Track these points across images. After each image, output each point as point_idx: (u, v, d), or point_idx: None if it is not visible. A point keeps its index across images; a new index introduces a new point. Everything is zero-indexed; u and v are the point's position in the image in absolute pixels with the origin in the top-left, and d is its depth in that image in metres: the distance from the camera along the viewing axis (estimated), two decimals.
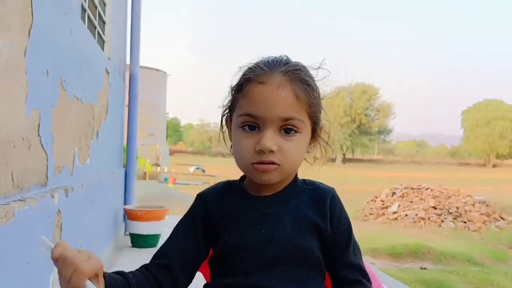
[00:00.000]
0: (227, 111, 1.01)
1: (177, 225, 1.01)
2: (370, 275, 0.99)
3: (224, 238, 0.94)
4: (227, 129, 1.03)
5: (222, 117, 1.03)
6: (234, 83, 0.97)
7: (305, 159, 1.00)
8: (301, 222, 0.94)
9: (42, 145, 1.98)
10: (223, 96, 1.02)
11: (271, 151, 0.89)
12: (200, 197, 1.02)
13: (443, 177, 24.60)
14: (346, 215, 0.99)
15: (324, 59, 0.99)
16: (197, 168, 27.72)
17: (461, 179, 25.57)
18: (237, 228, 0.94)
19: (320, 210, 0.95)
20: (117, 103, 4.60)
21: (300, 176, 1.03)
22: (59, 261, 0.72)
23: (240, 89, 0.94)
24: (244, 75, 0.95)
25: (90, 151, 3.13)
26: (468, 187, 15.82)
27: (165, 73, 20.04)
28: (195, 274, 0.98)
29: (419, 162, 67.46)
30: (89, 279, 0.73)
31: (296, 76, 0.93)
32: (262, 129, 0.91)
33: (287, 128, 0.91)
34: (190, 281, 0.96)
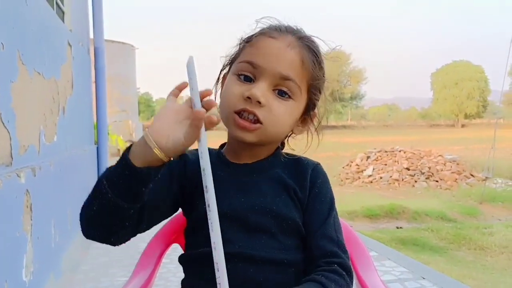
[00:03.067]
0: (229, 63, 0.95)
1: None
2: (355, 242, 0.97)
3: (201, 205, 0.86)
4: (221, 88, 0.95)
5: (221, 71, 0.96)
6: (246, 36, 0.92)
7: (287, 142, 0.96)
8: (281, 190, 0.90)
9: (3, 123, 1.87)
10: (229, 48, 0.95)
11: (259, 103, 0.83)
12: (180, 156, 0.94)
13: (415, 139, 25.14)
14: (329, 190, 0.95)
15: (340, 46, 0.96)
16: None
17: (432, 140, 26.21)
18: (216, 196, 0.88)
19: (300, 181, 0.92)
20: (83, 78, 4.42)
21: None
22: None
23: (249, 39, 0.90)
24: (259, 29, 0.91)
25: (57, 128, 3.00)
26: (439, 148, 16.25)
27: (132, 46, 19.44)
28: (155, 223, 0.91)
29: (391, 125, 68.68)
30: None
31: (309, 44, 0.89)
32: (256, 80, 0.85)
33: (281, 91, 0.86)
34: (149, 227, 0.89)
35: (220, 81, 0.96)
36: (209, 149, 0.97)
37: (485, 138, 14.92)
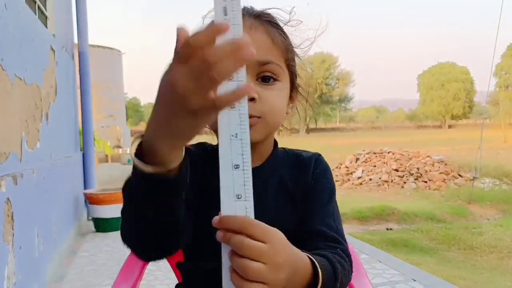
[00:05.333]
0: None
1: None
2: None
3: (208, 210, 0.74)
4: None
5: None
6: None
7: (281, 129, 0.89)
8: (285, 199, 0.84)
9: None
10: None
11: (252, 99, 0.77)
12: (186, 151, 0.68)
13: (403, 141, 25.33)
14: (330, 180, 0.88)
15: (293, 7, 0.89)
16: None
17: (420, 141, 26.44)
18: (216, 206, 0.82)
19: (304, 180, 0.86)
20: (67, 83, 4.35)
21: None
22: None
23: None
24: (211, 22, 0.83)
25: (40, 135, 2.94)
26: (427, 148, 16.36)
27: (119, 51, 19.29)
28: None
29: (379, 127, 69.19)
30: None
31: (267, 19, 0.83)
32: None
33: (265, 76, 0.80)
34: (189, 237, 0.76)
35: None
36: (205, 144, 0.89)
37: (472, 138, 15.09)
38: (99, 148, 6.96)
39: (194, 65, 0.44)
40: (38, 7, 3.46)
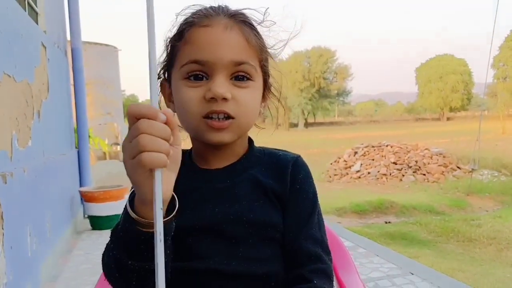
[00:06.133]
0: (165, 70, 0.85)
1: None
2: (336, 243, 0.90)
3: (182, 213, 0.77)
4: (162, 96, 0.87)
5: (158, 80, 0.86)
6: (172, 33, 0.82)
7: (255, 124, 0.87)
8: (259, 194, 0.82)
9: None
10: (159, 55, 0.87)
11: (224, 99, 0.76)
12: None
13: (401, 134, 25.33)
14: (312, 184, 0.87)
15: (268, 8, 0.86)
16: None
17: (419, 134, 26.43)
18: (186, 207, 0.78)
19: (280, 178, 0.83)
20: (60, 80, 4.31)
21: (256, 144, 0.90)
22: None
23: (180, 37, 0.79)
24: (184, 21, 0.81)
25: (32, 133, 2.90)
26: (425, 141, 16.35)
27: (115, 47, 19.19)
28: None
29: (378, 121, 69.22)
30: None
31: (242, 19, 0.81)
32: (211, 76, 0.77)
33: (239, 76, 0.79)
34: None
35: (159, 91, 0.87)
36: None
37: (470, 130, 15.06)
38: (95, 145, 6.93)
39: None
40: (28, 3, 3.41)
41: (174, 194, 0.66)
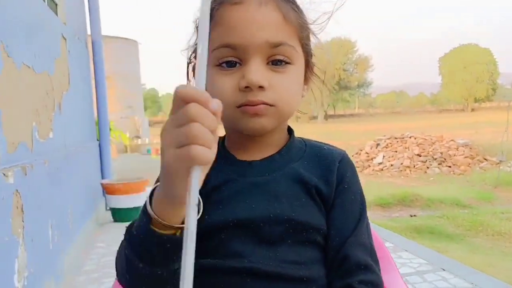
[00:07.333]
0: (195, 54, 0.77)
1: None
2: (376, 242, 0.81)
3: (205, 212, 0.68)
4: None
5: (187, 66, 0.79)
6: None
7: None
8: (301, 191, 0.74)
9: None
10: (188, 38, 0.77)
11: (261, 87, 0.67)
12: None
13: (424, 125, 24.83)
14: (360, 185, 0.78)
15: None
16: None
17: (442, 125, 25.86)
18: (220, 201, 0.72)
19: (325, 175, 0.75)
20: (81, 73, 4.29)
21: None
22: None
23: (210, 17, 0.71)
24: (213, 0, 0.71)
25: (53, 125, 2.87)
26: (449, 133, 15.96)
27: (136, 42, 19.31)
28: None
29: (399, 112, 68.13)
30: None
31: None
32: (245, 62, 0.68)
33: (276, 60, 0.69)
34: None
35: (193, 76, 0.78)
36: None
37: (496, 121, 14.65)
38: (116, 138, 6.95)
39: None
40: None
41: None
